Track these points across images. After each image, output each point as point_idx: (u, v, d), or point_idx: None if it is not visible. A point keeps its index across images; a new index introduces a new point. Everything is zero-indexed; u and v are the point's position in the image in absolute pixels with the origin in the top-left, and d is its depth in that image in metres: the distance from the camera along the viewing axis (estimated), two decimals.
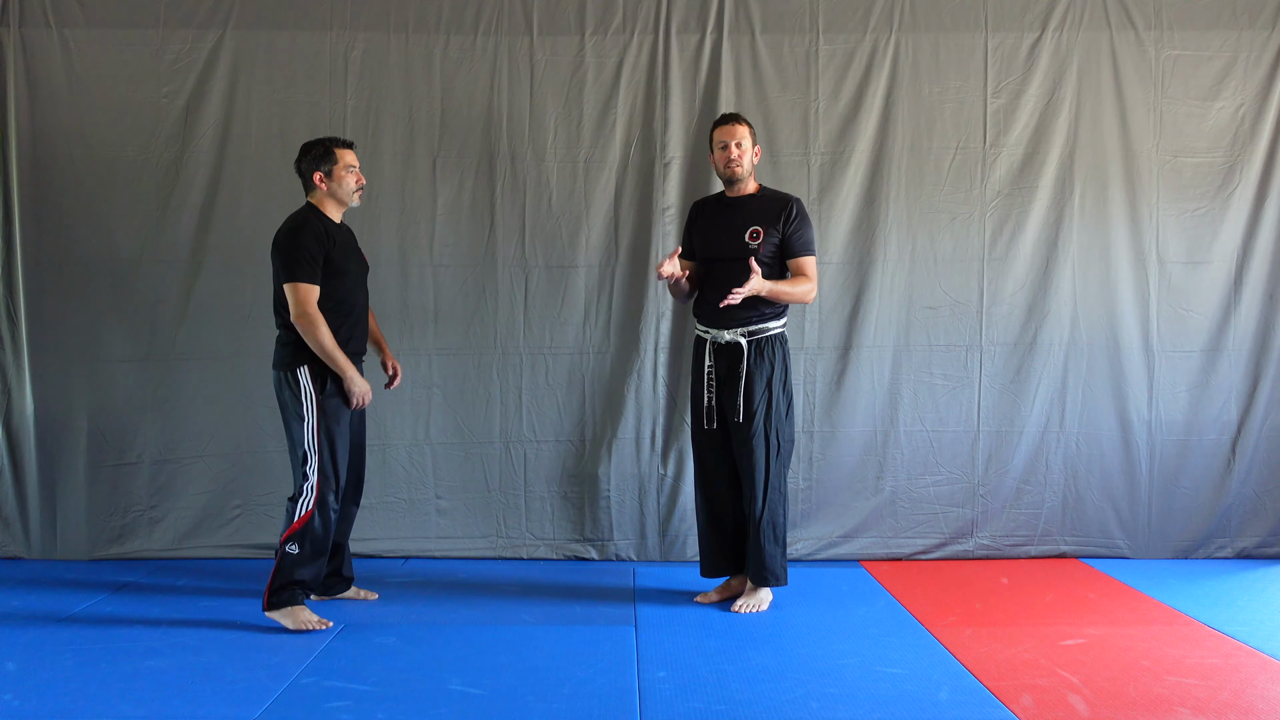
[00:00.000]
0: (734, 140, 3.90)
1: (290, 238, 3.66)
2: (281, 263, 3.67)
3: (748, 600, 3.92)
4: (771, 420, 3.87)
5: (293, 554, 3.63)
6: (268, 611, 3.66)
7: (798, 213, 3.90)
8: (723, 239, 3.94)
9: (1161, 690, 3.14)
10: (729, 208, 3.98)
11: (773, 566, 3.90)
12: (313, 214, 3.75)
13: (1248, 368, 4.65)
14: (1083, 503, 4.66)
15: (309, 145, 3.80)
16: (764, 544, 3.88)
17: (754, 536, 3.90)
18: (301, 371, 3.67)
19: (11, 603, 3.94)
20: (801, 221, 3.90)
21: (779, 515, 3.89)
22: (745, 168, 3.92)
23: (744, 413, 3.85)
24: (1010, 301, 4.62)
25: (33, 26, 4.48)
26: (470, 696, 3.07)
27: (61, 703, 3.00)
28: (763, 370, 3.87)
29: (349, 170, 3.78)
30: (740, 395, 3.85)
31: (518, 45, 4.56)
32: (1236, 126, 4.62)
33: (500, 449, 4.61)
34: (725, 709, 2.98)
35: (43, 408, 4.50)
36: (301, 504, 3.65)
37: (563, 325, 4.60)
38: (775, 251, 3.90)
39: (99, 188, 4.50)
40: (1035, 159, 4.60)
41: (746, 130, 3.93)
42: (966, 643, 3.55)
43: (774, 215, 3.89)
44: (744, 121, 3.94)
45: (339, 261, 3.73)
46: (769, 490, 3.87)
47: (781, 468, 3.91)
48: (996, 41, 4.60)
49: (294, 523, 3.64)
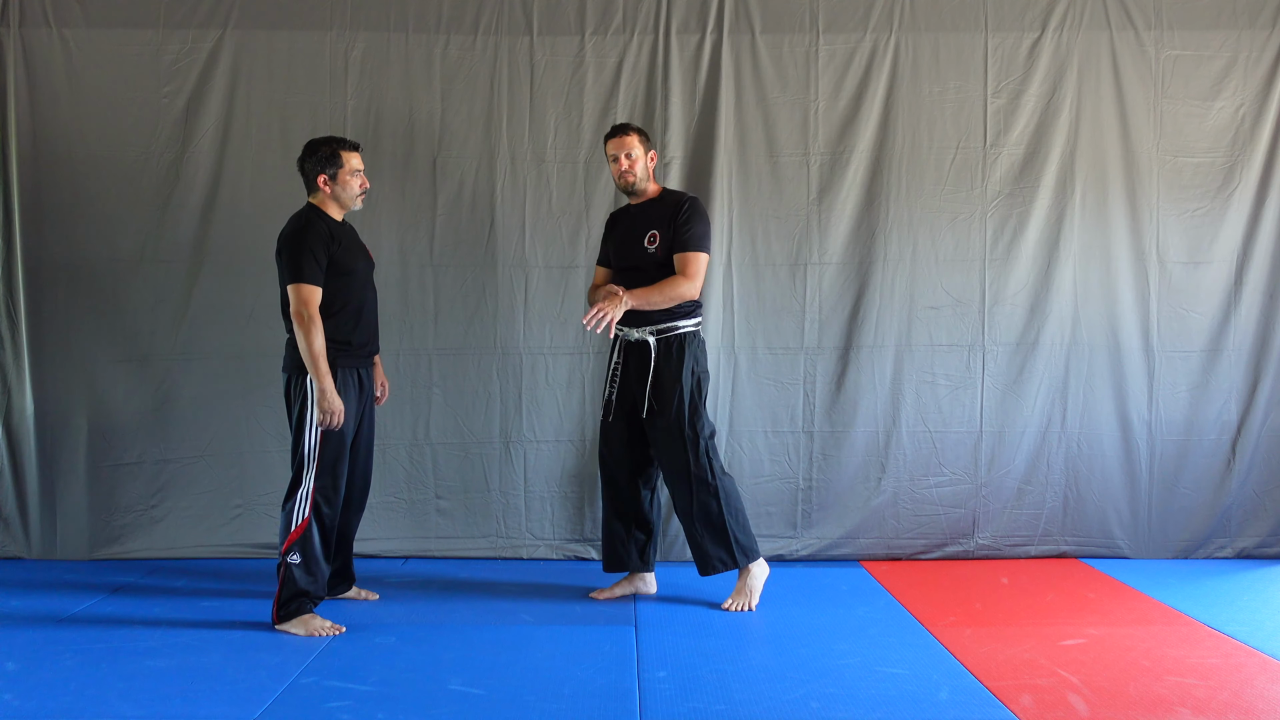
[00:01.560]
0: (623, 151, 3.92)
1: (294, 239, 3.65)
2: (285, 263, 3.66)
3: (735, 599, 3.94)
4: (684, 414, 3.88)
5: (295, 564, 3.62)
6: (278, 625, 3.64)
7: (688, 210, 3.89)
8: (626, 247, 3.99)
9: (1161, 690, 3.14)
10: (633, 215, 4.03)
11: (716, 554, 3.91)
12: (316, 214, 3.74)
13: (1248, 368, 4.65)
14: (1083, 503, 4.66)
15: (314, 145, 3.78)
16: (699, 538, 3.91)
17: (688, 531, 3.95)
18: (311, 378, 3.66)
19: (11, 603, 3.94)
20: (691, 218, 3.88)
21: (711, 505, 3.88)
22: (638, 176, 3.94)
23: (657, 408, 3.88)
24: (1012, 301, 4.62)
25: (33, 26, 4.48)
26: (470, 696, 3.07)
27: (61, 703, 3.00)
28: (670, 367, 3.89)
29: (354, 174, 3.77)
30: (649, 392, 3.89)
31: (518, 45, 4.56)
32: (1236, 126, 4.62)
33: (500, 449, 4.61)
34: (725, 709, 2.98)
35: (43, 408, 4.50)
36: (298, 512, 3.63)
37: (563, 325, 4.60)
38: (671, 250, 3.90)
39: (99, 188, 4.50)
40: (1035, 159, 4.60)
41: (635, 139, 3.93)
42: (966, 643, 3.55)
43: (668, 217, 3.90)
44: (633, 130, 3.95)
45: (346, 261, 3.73)
46: (694, 483, 3.87)
47: (704, 459, 3.89)
48: (996, 41, 4.60)
49: (292, 532, 3.63)
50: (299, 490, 3.65)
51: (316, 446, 3.65)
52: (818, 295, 4.60)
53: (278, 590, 3.64)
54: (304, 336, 3.60)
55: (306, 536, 3.63)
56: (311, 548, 3.64)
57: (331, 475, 3.69)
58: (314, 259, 3.63)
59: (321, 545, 3.68)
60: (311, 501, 3.64)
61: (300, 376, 3.67)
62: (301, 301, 3.61)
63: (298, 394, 3.68)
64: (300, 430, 3.67)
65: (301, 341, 3.61)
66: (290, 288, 3.64)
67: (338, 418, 3.65)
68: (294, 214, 3.79)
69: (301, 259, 3.62)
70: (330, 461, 3.68)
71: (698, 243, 3.88)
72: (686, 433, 3.87)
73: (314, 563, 3.65)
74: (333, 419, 3.64)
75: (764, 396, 4.60)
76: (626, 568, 4.09)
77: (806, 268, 4.59)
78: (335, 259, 3.69)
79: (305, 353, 3.61)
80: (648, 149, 3.97)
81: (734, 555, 3.91)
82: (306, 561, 3.63)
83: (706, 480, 3.89)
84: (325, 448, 3.66)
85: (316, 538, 3.66)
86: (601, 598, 4.06)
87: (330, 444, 3.68)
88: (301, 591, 3.63)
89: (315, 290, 3.63)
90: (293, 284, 3.63)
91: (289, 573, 3.62)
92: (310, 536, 3.64)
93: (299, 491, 3.64)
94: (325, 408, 3.62)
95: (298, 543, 3.62)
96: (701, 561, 3.94)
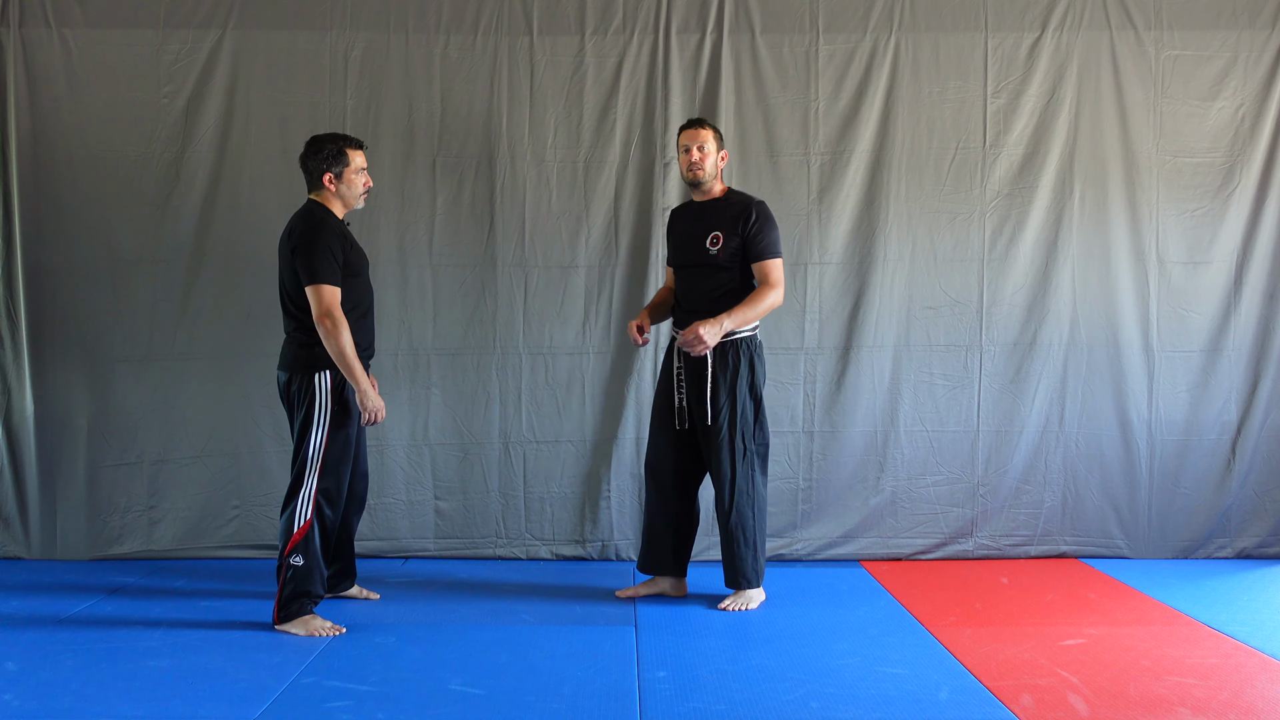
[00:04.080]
0: (696, 144, 3.89)
1: (313, 238, 3.59)
2: (304, 263, 3.59)
3: (735, 600, 3.94)
4: (737, 424, 3.86)
5: (297, 565, 3.61)
6: (279, 625, 3.64)
7: (758, 215, 3.86)
8: (687, 245, 3.96)
9: (1161, 690, 3.15)
10: (695, 213, 4.00)
11: (743, 569, 3.91)
12: (325, 212, 3.70)
13: (1248, 368, 4.65)
14: (1083, 503, 4.66)
15: (319, 142, 3.72)
16: (735, 546, 3.90)
17: (724, 538, 3.93)
18: (321, 378, 3.63)
19: (11, 603, 3.94)
20: (763, 224, 3.87)
21: (748, 518, 3.88)
22: (708, 171, 3.91)
23: (710, 416, 3.86)
24: (1010, 301, 4.62)
25: (33, 26, 4.47)
26: (470, 696, 3.07)
27: (61, 703, 3.00)
28: (727, 374, 3.87)
29: (359, 173, 3.75)
30: (707, 399, 3.86)
31: (518, 45, 4.56)
32: (1236, 126, 4.62)
33: (500, 449, 4.61)
34: (725, 709, 2.98)
35: (43, 408, 4.50)
36: (299, 514, 3.61)
37: (563, 325, 4.60)
38: (736, 255, 3.88)
39: (99, 188, 4.50)
40: (1035, 159, 4.60)
41: (711, 134, 3.91)
42: (966, 643, 3.55)
43: (735, 219, 3.87)
44: (709, 126, 3.94)
45: (355, 263, 3.71)
46: (735, 493, 3.86)
47: (750, 471, 3.89)
48: (996, 41, 4.60)
49: (294, 534, 3.62)
50: (300, 492, 3.63)
51: (322, 448, 3.64)
52: (818, 295, 4.60)
53: (279, 591, 3.64)
54: (333, 339, 3.55)
55: (308, 538, 3.62)
56: (312, 549, 3.63)
57: (335, 476, 3.68)
58: (333, 258, 3.59)
59: (322, 546, 3.68)
60: (314, 504, 3.63)
61: (304, 376, 3.64)
62: (326, 303, 3.56)
63: (303, 394, 3.65)
64: (305, 431, 3.64)
65: (331, 344, 3.56)
66: (310, 289, 3.58)
67: (381, 414, 3.67)
68: (299, 211, 3.74)
69: (321, 259, 3.57)
70: (335, 462, 3.67)
71: (775, 248, 3.88)
72: (736, 442, 3.86)
73: (315, 564, 3.64)
74: (376, 416, 3.66)
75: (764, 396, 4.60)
76: (660, 571, 4.07)
77: (806, 268, 4.59)
78: (348, 259, 3.66)
79: (337, 355, 3.57)
80: (720, 146, 3.95)
81: (758, 573, 3.93)
82: (308, 563, 3.62)
83: (748, 491, 3.88)
84: (331, 448, 3.65)
85: (317, 539, 3.65)
86: (625, 595, 4.06)
87: (337, 444, 3.66)
88: (302, 592, 3.63)
89: (337, 291, 3.59)
90: (313, 285, 3.57)
91: (290, 574, 3.61)
92: (311, 538, 3.63)
93: (300, 494, 3.63)
94: (369, 407, 3.65)
95: (300, 544, 3.61)
96: (730, 574, 3.94)
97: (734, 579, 3.93)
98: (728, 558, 3.93)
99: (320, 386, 3.63)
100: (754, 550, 3.91)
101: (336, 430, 3.65)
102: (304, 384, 3.64)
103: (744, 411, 3.88)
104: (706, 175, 3.91)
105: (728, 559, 3.93)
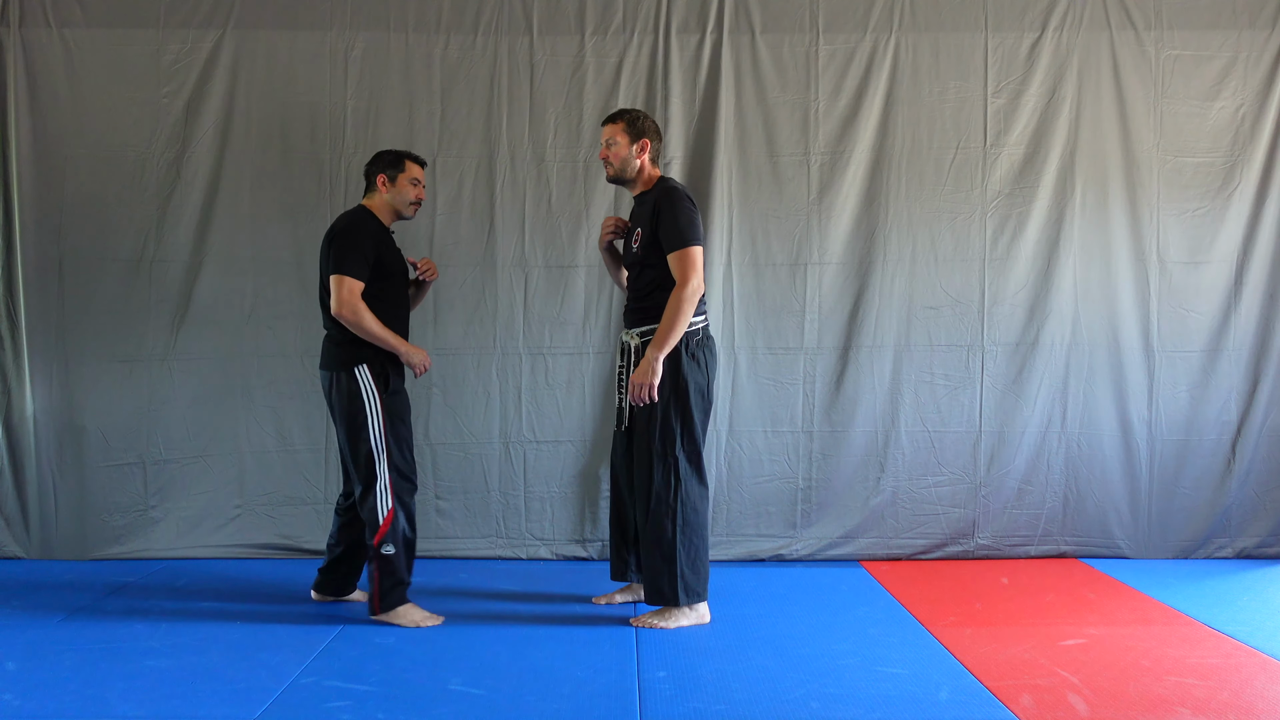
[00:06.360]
0: (604, 139, 3.76)
1: (346, 233, 3.68)
2: (332, 255, 3.66)
3: (652, 616, 3.69)
4: (656, 430, 3.62)
5: (389, 554, 3.65)
6: (379, 615, 3.69)
7: (664, 205, 3.61)
8: (625, 244, 3.88)
9: (1161, 690, 3.14)
10: (632, 211, 3.90)
11: (658, 584, 3.63)
12: (368, 215, 3.77)
13: (1248, 368, 4.65)
14: (1083, 503, 4.66)
15: (384, 151, 3.86)
16: (649, 559, 3.64)
17: (643, 550, 3.70)
18: (361, 370, 3.67)
19: (11, 603, 3.94)
20: (666, 213, 3.59)
21: (666, 531, 3.60)
22: (616, 167, 3.74)
23: (625, 419, 3.78)
24: (1011, 301, 4.62)
25: (33, 26, 4.47)
26: (470, 696, 3.06)
27: (61, 703, 3.00)
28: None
29: (413, 182, 3.81)
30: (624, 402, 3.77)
31: (518, 45, 4.56)
32: (1236, 126, 4.62)
33: (500, 449, 4.61)
34: (725, 709, 2.98)
35: (43, 408, 4.50)
36: (381, 505, 3.65)
37: (563, 325, 4.60)
38: (654, 249, 3.65)
39: (99, 188, 4.50)
40: (1035, 159, 4.60)
41: (620, 127, 3.71)
42: (966, 643, 3.55)
43: (648, 213, 3.68)
44: (620, 119, 3.74)
45: (391, 263, 3.76)
46: (652, 502, 3.62)
47: (671, 480, 3.61)
48: (996, 41, 4.60)
49: (381, 525, 3.64)
50: (376, 483, 3.66)
51: (383, 434, 3.67)
52: (818, 295, 4.60)
53: (376, 582, 3.67)
54: (358, 323, 3.62)
55: (395, 526, 3.67)
56: (402, 536, 3.68)
57: (400, 452, 3.72)
58: (361, 254, 3.65)
59: (409, 532, 3.72)
60: (392, 490, 3.67)
61: (345, 373, 3.68)
62: (345, 292, 3.61)
63: (346, 391, 3.68)
64: (361, 426, 3.67)
65: (361, 330, 3.63)
66: (333, 278, 3.63)
67: (427, 363, 3.75)
68: (344, 212, 3.82)
69: (349, 252, 3.63)
70: (398, 440, 3.71)
71: (681, 237, 3.56)
72: (655, 447, 3.62)
73: (405, 550, 3.69)
74: (423, 364, 3.73)
75: (764, 396, 4.60)
76: (626, 578, 3.97)
77: (806, 268, 4.59)
78: (382, 259, 3.71)
79: (369, 336, 3.63)
80: (635, 137, 3.71)
81: (675, 590, 3.61)
82: (399, 550, 3.67)
83: (667, 501, 3.62)
84: (392, 429, 3.69)
85: (405, 525, 3.70)
86: (601, 603, 4.00)
87: (394, 427, 3.70)
88: (400, 580, 3.69)
89: (358, 285, 3.64)
90: (336, 274, 3.62)
91: (384, 563, 3.66)
92: (398, 524, 3.67)
93: (377, 484, 3.66)
94: (414, 362, 3.72)
95: (389, 534, 3.66)
96: (647, 588, 3.68)
97: (650, 594, 3.66)
98: (645, 570, 3.66)
99: (363, 379, 3.67)
100: (672, 566, 3.59)
101: (390, 420, 3.69)
102: (344, 381, 3.69)
103: (667, 417, 3.62)
104: (616, 171, 3.75)
105: (645, 571, 3.66)
